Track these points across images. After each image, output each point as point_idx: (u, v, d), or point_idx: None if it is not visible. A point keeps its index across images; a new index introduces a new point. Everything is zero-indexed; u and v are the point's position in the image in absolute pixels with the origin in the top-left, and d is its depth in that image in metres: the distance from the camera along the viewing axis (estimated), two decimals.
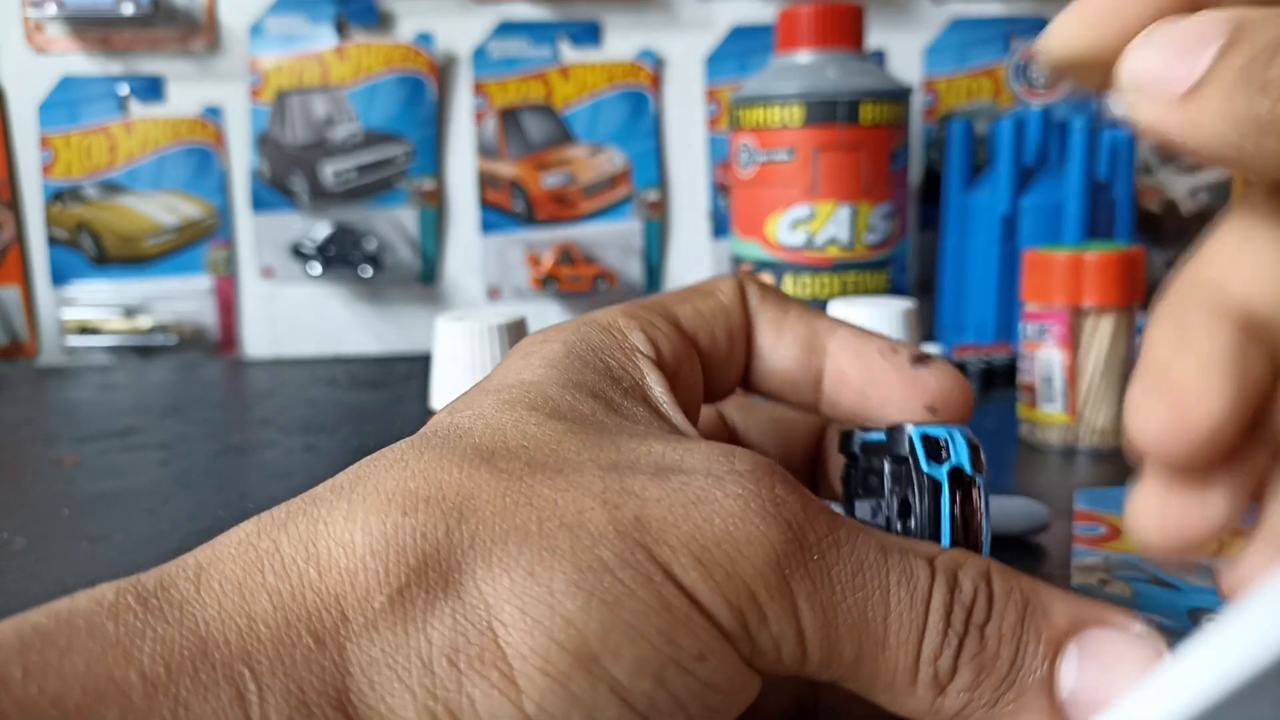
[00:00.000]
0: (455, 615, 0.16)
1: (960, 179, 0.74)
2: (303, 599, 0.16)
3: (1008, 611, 0.17)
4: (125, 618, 0.15)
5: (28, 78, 0.82)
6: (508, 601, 0.16)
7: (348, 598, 0.16)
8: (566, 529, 0.16)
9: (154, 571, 0.17)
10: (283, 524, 0.17)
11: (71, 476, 0.51)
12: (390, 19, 0.82)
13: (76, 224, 0.83)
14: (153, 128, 0.83)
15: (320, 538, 0.17)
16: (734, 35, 0.82)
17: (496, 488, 0.17)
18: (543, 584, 0.16)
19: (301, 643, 0.15)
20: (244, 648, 0.15)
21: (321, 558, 0.16)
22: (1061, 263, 0.51)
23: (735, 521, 0.17)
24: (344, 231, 0.83)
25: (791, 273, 0.65)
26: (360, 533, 0.16)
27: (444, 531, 0.16)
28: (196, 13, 0.82)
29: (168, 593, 0.16)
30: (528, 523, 0.16)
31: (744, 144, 0.66)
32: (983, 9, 0.81)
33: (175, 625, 0.15)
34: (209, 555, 0.17)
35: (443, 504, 0.17)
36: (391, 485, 0.17)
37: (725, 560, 0.16)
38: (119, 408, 0.67)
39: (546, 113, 0.83)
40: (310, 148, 0.82)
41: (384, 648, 0.16)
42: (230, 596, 0.16)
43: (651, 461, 0.18)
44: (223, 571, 0.16)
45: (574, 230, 0.83)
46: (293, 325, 0.86)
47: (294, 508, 0.17)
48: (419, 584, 0.16)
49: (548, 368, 0.20)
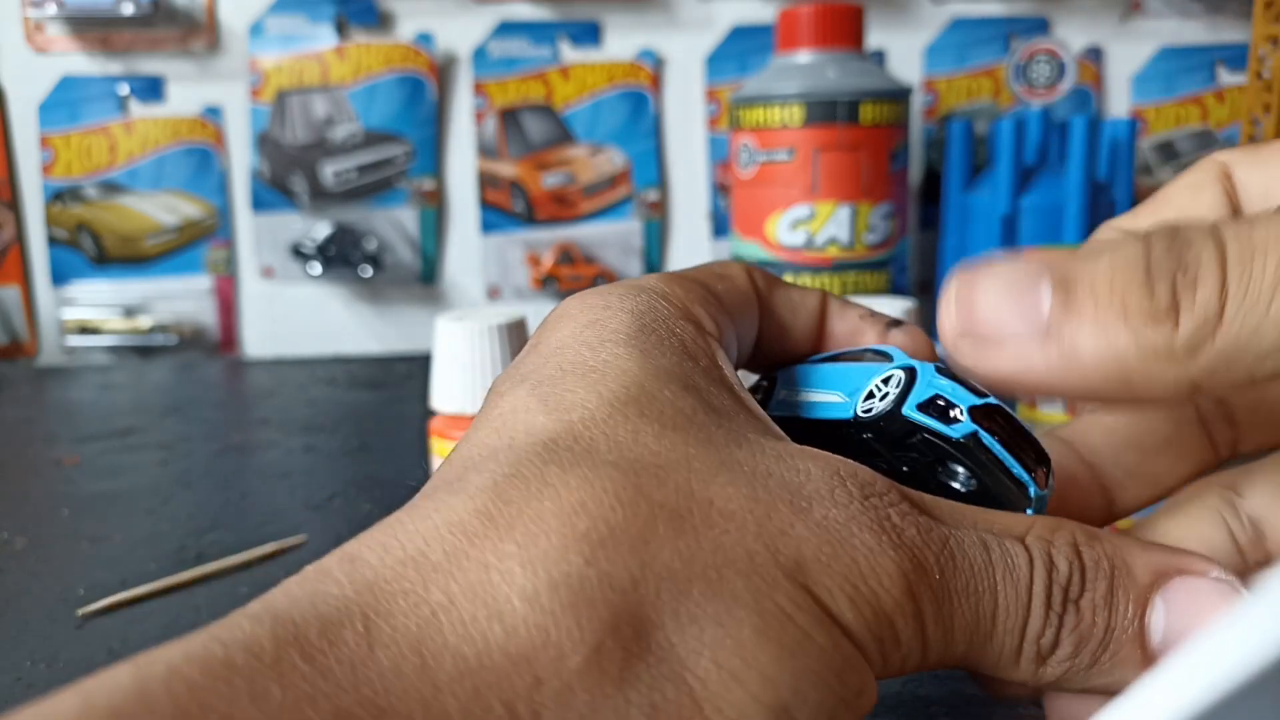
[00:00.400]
0: (651, 671, 0.15)
1: (960, 179, 0.74)
2: (490, 663, 0.14)
3: (1098, 581, 0.18)
4: (292, 679, 0.13)
5: (28, 78, 0.82)
6: (700, 655, 0.15)
7: (539, 659, 0.15)
8: (741, 575, 0.16)
9: (308, 611, 0.15)
10: (448, 572, 0.15)
11: (71, 476, 0.51)
12: (390, 19, 0.82)
13: (76, 224, 0.83)
14: (153, 128, 0.83)
15: (498, 589, 0.15)
16: (734, 35, 0.82)
17: (667, 528, 0.16)
18: (733, 635, 0.15)
19: (493, 713, 0.14)
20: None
21: (505, 615, 0.15)
22: None
23: (875, 556, 0.17)
24: (344, 231, 0.83)
25: (791, 273, 0.65)
26: (545, 585, 0.15)
27: (630, 582, 0.16)
28: (196, 13, 0.82)
29: (336, 649, 0.14)
30: (707, 570, 0.16)
31: (744, 144, 0.66)
32: (983, 9, 0.81)
33: (351, 691, 0.14)
34: (371, 602, 0.15)
35: (619, 548, 0.16)
36: (554, 523, 0.16)
37: (871, 596, 0.17)
38: (119, 408, 0.67)
39: (546, 113, 0.83)
40: (310, 148, 0.82)
41: (581, 711, 0.14)
42: (409, 659, 0.14)
43: (780, 484, 0.18)
44: (395, 626, 0.15)
45: (574, 230, 0.83)
46: (293, 325, 0.86)
47: (450, 546, 0.16)
48: (614, 640, 0.15)
49: (628, 347, 0.20)
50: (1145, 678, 0.13)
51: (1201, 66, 0.81)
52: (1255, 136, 0.69)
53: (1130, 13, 0.81)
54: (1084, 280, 0.18)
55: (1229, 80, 0.81)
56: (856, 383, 0.22)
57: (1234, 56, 0.80)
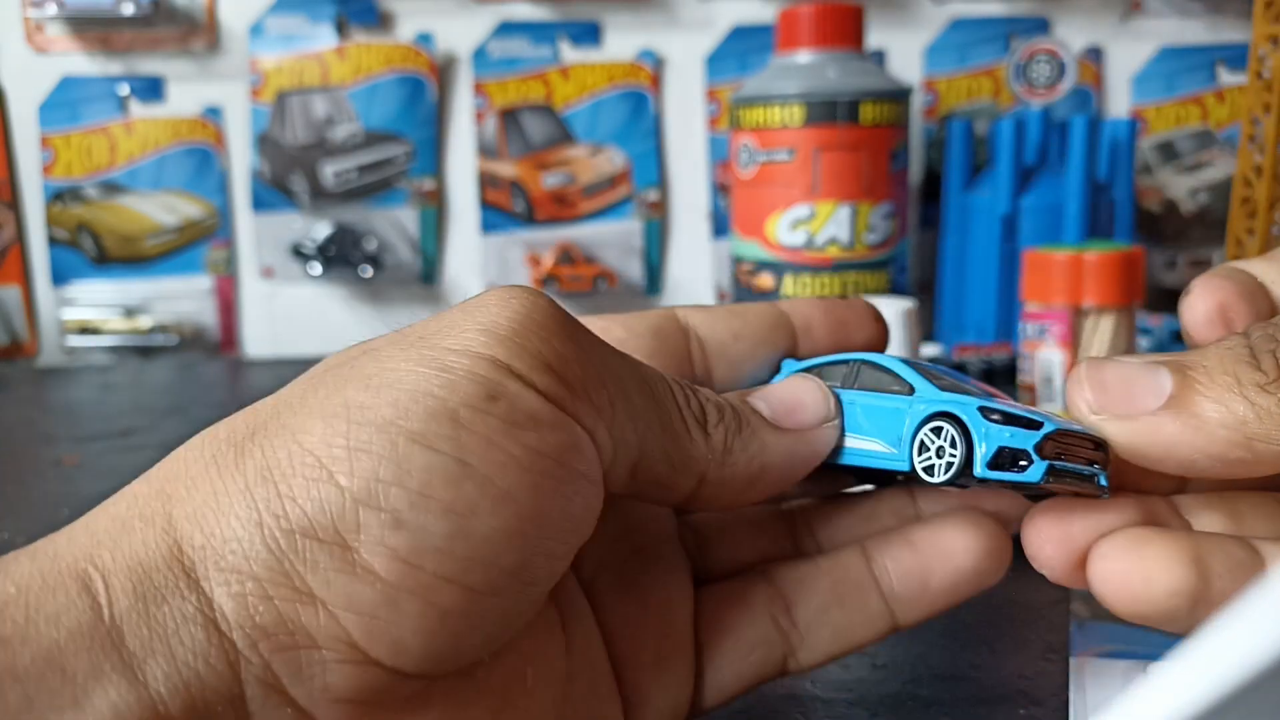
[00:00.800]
0: (263, 448, 0.18)
1: (960, 179, 0.74)
2: (133, 500, 0.18)
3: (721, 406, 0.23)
4: (8, 566, 0.17)
5: (28, 78, 0.82)
6: (308, 418, 0.18)
7: (169, 484, 0.18)
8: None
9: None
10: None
11: (71, 476, 0.51)
12: (390, 19, 0.82)
13: (77, 224, 0.83)
14: (153, 128, 0.83)
15: (162, 468, 0.19)
16: (734, 35, 0.82)
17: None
18: (338, 394, 0.18)
19: (133, 527, 0.18)
20: (87, 550, 0.17)
21: (152, 475, 0.19)
22: (1061, 263, 0.51)
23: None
24: (344, 231, 0.83)
25: (791, 273, 0.65)
26: (184, 448, 0.19)
27: (250, 417, 0.19)
28: (196, 13, 0.82)
29: (48, 543, 0.18)
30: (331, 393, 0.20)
31: (744, 144, 0.66)
32: (983, 9, 0.81)
33: (34, 556, 0.17)
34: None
35: (259, 409, 0.20)
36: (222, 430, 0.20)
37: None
38: (119, 408, 0.67)
39: (546, 113, 0.83)
40: (310, 148, 0.82)
41: (205, 497, 0.18)
42: (79, 528, 0.18)
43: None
44: (84, 520, 0.19)
45: (574, 230, 0.83)
46: (293, 325, 0.86)
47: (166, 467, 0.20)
48: (229, 445, 0.18)
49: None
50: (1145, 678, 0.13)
51: (1201, 66, 0.81)
52: (1255, 137, 0.69)
53: (1130, 12, 0.81)
54: (1197, 366, 0.21)
55: (1229, 80, 0.81)
56: (893, 427, 0.23)
57: (1234, 56, 0.80)
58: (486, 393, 0.18)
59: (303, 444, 0.18)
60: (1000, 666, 0.31)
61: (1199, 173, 0.82)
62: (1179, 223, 0.82)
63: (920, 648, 0.32)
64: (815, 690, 0.29)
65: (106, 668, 0.16)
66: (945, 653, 0.32)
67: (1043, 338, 0.52)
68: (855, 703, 0.29)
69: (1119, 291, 0.50)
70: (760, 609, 0.24)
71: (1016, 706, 0.28)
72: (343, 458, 0.18)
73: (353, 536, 0.17)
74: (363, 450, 0.18)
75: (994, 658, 0.31)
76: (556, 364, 0.19)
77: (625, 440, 0.21)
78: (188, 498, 0.18)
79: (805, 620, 0.24)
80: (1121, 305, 0.51)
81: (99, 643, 0.16)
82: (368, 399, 0.18)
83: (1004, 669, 0.31)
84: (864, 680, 0.30)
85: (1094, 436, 0.22)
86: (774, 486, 0.23)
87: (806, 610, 0.24)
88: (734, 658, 0.24)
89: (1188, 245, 0.83)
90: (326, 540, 0.17)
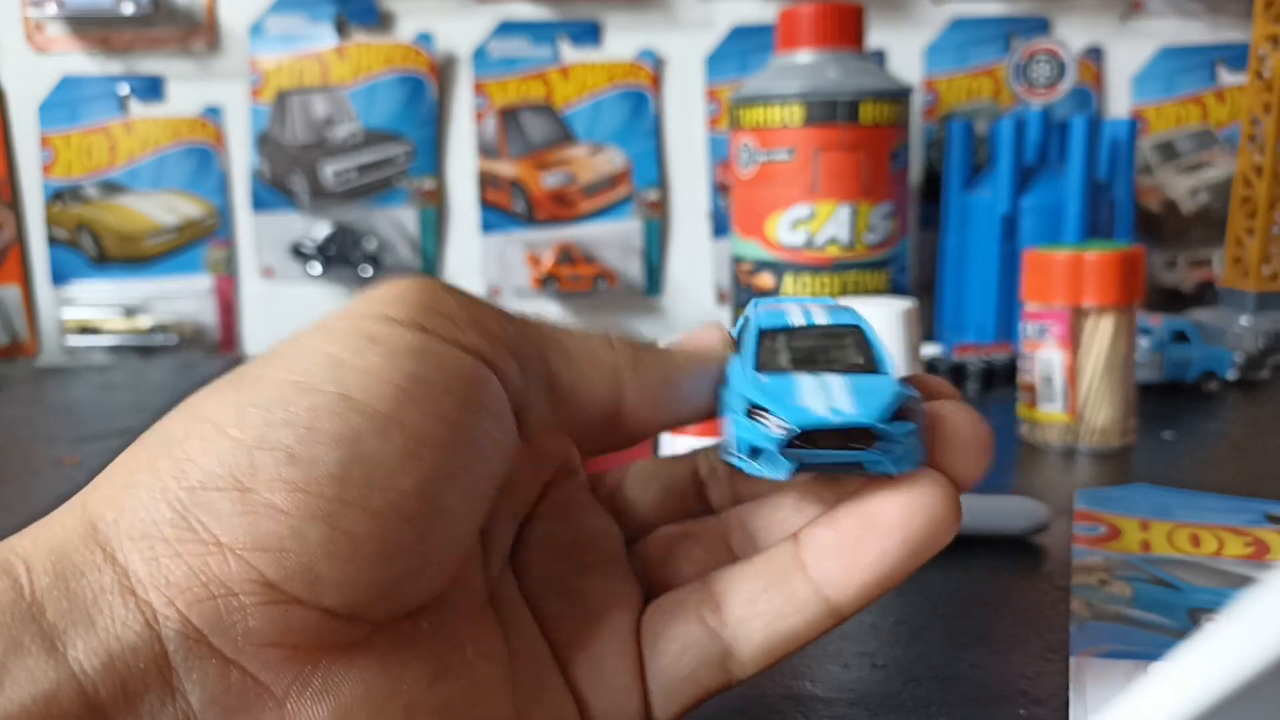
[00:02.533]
0: (163, 426, 0.20)
1: (960, 179, 0.74)
2: (60, 512, 0.19)
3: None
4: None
5: (28, 78, 0.82)
6: (206, 396, 0.20)
7: (91, 483, 0.20)
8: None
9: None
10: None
11: (71, 476, 0.51)
12: (390, 19, 0.82)
13: (76, 224, 0.83)
14: (153, 128, 0.83)
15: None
16: (734, 35, 0.82)
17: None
18: (236, 373, 0.20)
19: (52, 519, 0.19)
20: (10, 543, 0.18)
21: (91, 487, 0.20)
22: (1061, 263, 0.51)
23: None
24: (344, 231, 0.83)
25: (791, 272, 0.65)
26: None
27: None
28: (196, 12, 0.82)
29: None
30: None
31: (744, 144, 0.66)
32: (983, 9, 0.81)
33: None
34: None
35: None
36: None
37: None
38: (119, 408, 0.67)
39: (546, 112, 0.83)
40: (310, 147, 0.82)
41: (114, 479, 0.19)
42: (20, 535, 0.19)
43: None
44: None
45: (574, 230, 0.83)
46: (293, 325, 0.84)
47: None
48: (139, 439, 0.20)
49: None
50: (1145, 677, 0.13)
51: (1202, 66, 0.81)
52: (1255, 136, 0.69)
53: (1130, 12, 0.81)
54: None
55: (1229, 80, 0.81)
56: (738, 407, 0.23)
57: (1234, 56, 0.80)
58: (367, 336, 0.20)
59: (197, 415, 0.19)
60: (1000, 666, 0.31)
61: (1199, 173, 0.82)
62: (1179, 223, 0.82)
63: (920, 648, 0.32)
64: (815, 690, 0.30)
65: (25, 640, 0.17)
66: (945, 653, 0.32)
67: (1043, 338, 0.52)
68: (855, 703, 0.29)
69: (1119, 291, 0.50)
70: (690, 610, 0.24)
71: (1016, 706, 0.28)
72: (233, 416, 0.19)
73: (249, 478, 0.18)
74: (251, 404, 0.19)
75: (994, 658, 0.31)
76: (438, 306, 0.21)
77: (529, 357, 0.22)
78: (101, 484, 0.19)
79: (735, 615, 0.23)
80: (1121, 305, 0.51)
81: (19, 618, 0.17)
82: (260, 370, 0.20)
83: (1004, 669, 0.31)
84: (864, 680, 0.30)
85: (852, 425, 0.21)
86: (689, 399, 0.24)
87: (735, 603, 0.23)
88: (668, 662, 0.23)
89: (1188, 245, 0.83)
90: (225, 488, 0.18)
